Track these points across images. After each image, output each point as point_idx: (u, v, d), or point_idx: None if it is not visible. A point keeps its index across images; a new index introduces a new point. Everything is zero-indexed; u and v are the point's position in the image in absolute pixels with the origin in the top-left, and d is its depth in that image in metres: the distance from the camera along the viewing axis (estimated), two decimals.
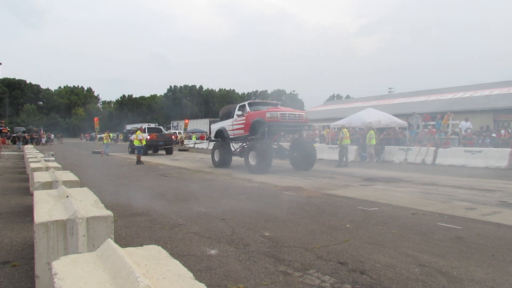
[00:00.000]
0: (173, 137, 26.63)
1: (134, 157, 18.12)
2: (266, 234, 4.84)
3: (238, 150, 15.62)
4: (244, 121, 13.69)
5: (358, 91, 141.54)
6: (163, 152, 25.32)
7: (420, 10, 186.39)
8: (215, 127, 16.07)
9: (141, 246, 2.17)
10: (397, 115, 21.66)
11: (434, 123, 21.65)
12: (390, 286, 3.17)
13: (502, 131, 19.02)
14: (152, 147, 24.14)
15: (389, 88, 62.63)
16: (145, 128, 25.42)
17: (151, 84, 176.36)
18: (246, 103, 14.30)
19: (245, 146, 14.90)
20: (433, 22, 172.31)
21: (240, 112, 13.93)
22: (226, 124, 15.09)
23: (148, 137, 23.20)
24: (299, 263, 3.74)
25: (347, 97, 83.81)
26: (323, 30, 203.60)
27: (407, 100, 33.37)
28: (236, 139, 15.12)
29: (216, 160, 15.14)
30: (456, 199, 7.40)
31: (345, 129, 16.18)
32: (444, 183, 9.88)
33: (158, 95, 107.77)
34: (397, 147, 18.52)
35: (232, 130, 14.52)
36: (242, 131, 13.90)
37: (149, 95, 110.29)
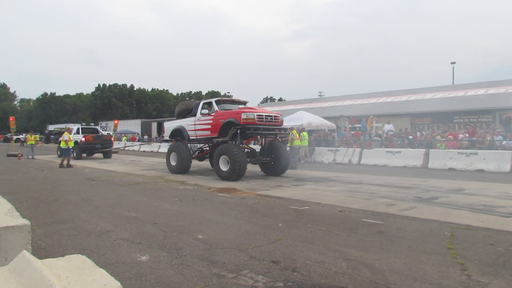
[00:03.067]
0: (112, 139, 24.05)
1: (59, 160, 16.75)
2: (200, 237, 4.79)
3: (196, 153, 14.43)
4: (211, 121, 12.28)
5: (290, 94, 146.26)
6: (100, 155, 22.71)
7: (350, 19, 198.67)
8: (171, 125, 14.40)
9: (62, 256, 2.01)
10: (326, 118, 22.67)
11: (360, 125, 23.18)
12: (319, 281, 3.32)
13: (418, 133, 20.99)
14: (87, 150, 21.64)
15: (319, 92, 65.60)
16: (78, 128, 23.05)
17: (77, 82, 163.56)
18: (213, 100, 12.75)
19: (206, 149, 13.92)
20: (361, 30, 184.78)
21: (205, 111, 12.38)
22: (185, 123, 13.53)
23: (83, 139, 20.99)
24: (233, 264, 3.75)
25: (280, 99, 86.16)
26: (257, 34, 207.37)
27: (336, 104, 35.20)
28: (196, 141, 13.78)
29: (173, 164, 13.42)
30: (379, 196, 7.98)
31: (294, 130, 16.26)
32: (368, 182, 10.60)
33: (85, 93, 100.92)
34: (326, 148, 19.51)
35: (194, 130, 13.04)
36: (208, 132, 12.51)
37: (74, 94, 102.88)
